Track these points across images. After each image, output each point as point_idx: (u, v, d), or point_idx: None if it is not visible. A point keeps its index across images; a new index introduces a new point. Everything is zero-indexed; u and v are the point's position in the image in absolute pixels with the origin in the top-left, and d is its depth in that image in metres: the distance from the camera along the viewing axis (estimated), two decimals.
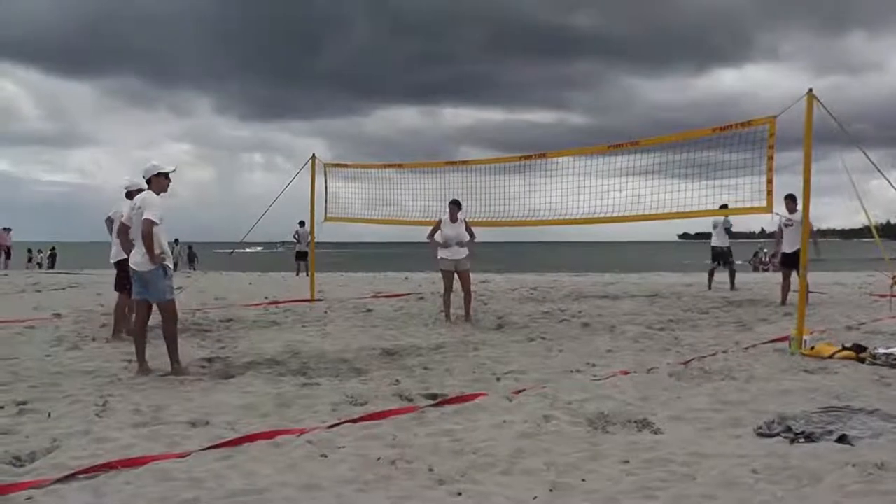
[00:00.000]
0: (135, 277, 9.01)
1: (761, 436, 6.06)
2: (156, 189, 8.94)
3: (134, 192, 10.62)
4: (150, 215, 8.61)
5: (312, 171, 18.32)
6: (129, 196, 10.61)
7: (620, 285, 22.24)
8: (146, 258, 8.72)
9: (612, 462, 5.43)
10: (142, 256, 8.78)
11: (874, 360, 9.00)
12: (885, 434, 6.00)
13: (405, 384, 8.16)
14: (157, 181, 8.96)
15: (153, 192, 8.90)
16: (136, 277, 8.98)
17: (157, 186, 8.95)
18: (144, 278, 8.88)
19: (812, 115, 9.87)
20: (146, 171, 9.00)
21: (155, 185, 8.95)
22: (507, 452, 5.65)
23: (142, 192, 9.04)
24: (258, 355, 9.88)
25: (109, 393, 7.70)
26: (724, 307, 15.65)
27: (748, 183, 11.30)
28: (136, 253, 8.92)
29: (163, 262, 8.80)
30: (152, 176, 8.96)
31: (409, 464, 5.42)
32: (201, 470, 5.28)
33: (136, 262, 8.88)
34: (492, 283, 23.03)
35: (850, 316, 13.65)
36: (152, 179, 8.96)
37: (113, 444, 5.92)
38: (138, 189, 10.06)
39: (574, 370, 8.92)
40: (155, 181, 8.96)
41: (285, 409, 7.15)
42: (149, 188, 8.99)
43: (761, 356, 9.61)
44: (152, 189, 8.94)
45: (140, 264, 8.84)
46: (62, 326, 12.86)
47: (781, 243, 15.82)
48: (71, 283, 23.21)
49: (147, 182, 9.01)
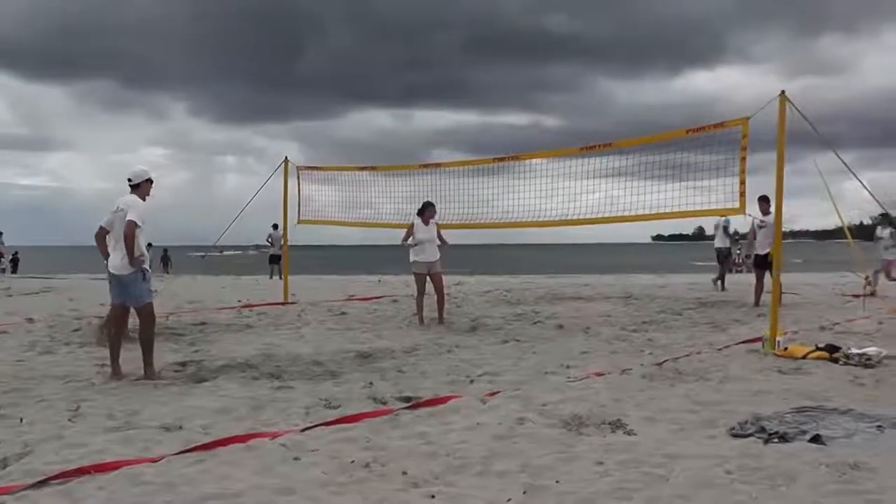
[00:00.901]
0: (113, 281, 8.96)
1: (735, 436, 6.09)
2: (141, 194, 8.94)
3: (141, 183, 10.85)
4: (133, 216, 8.58)
5: (285, 174, 18.35)
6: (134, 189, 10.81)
7: (594, 287, 22.32)
8: (125, 262, 8.68)
9: (587, 463, 5.45)
10: (121, 260, 8.74)
11: (847, 361, 9.10)
12: (858, 434, 6.06)
13: (379, 387, 8.17)
14: (144, 186, 8.99)
15: (138, 197, 8.89)
16: (115, 281, 8.92)
17: (143, 192, 8.97)
18: (123, 282, 8.83)
19: (785, 116, 9.94)
20: (136, 174, 8.99)
21: (141, 190, 8.97)
22: (482, 454, 5.67)
23: (125, 196, 8.97)
24: (232, 359, 9.86)
25: (82, 398, 7.67)
26: (697, 308, 15.75)
27: (721, 185, 11.36)
28: (115, 256, 8.86)
29: (142, 265, 8.76)
30: (142, 181, 8.99)
31: (383, 466, 5.42)
32: (175, 474, 5.26)
33: (115, 265, 8.82)
34: (465, 285, 23.09)
35: (823, 316, 13.78)
36: (141, 184, 8.98)
37: (86, 449, 5.89)
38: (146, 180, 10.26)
39: (548, 372, 8.95)
40: (143, 186, 8.99)
41: (259, 412, 7.13)
42: (133, 192, 8.95)
43: (735, 357, 9.68)
44: (138, 194, 8.93)
45: (119, 268, 8.79)
46: (35, 331, 12.79)
47: (754, 245, 15.93)
48: (44, 288, 23.07)
49: (135, 186, 8.98)
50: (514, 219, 14.85)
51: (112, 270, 8.89)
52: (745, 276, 22.92)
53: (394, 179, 17.29)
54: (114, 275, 8.88)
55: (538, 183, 14.62)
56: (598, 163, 13.67)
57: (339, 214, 18.46)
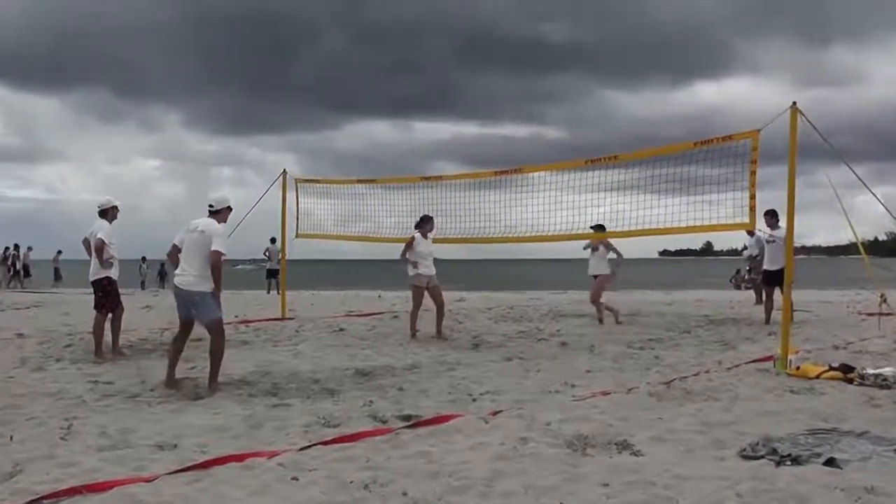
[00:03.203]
0: (181, 298, 9.25)
1: (746, 458, 6.06)
2: (221, 219, 9.31)
3: (108, 209, 11.33)
4: (220, 247, 8.97)
5: (283, 186, 18.36)
6: (102, 215, 11.59)
7: None
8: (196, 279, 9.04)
9: (592, 485, 5.43)
10: (194, 277, 9.04)
11: (862, 381, 9.00)
12: (874, 457, 5.99)
13: (379, 405, 8.16)
14: (224, 213, 9.40)
15: (216, 221, 9.21)
16: (182, 298, 9.23)
17: (223, 217, 9.36)
18: (193, 299, 9.10)
19: (796, 128, 9.93)
20: (218, 201, 9.39)
21: (221, 216, 9.35)
22: (484, 475, 5.65)
23: (203, 219, 9.26)
24: (228, 376, 9.82)
25: (74, 415, 7.66)
26: (705, 326, 15.74)
27: (731, 199, 11.33)
28: (184, 273, 9.15)
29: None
30: (223, 207, 9.39)
31: (383, 487, 5.41)
32: (169, 494, 5.25)
33: (189, 282, 9.09)
34: (467, 301, 23.06)
35: (836, 335, 13.74)
36: (221, 210, 9.38)
37: (78, 469, 5.88)
38: (112, 207, 11.43)
39: (552, 390, 8.93)
40: (223, 212, 9.39)
41: (256, 430, 7.12)
42: (212, 216, 9.29)
43: (745, 376, 9.65)
44: (218, 219, 9.28)
45: (188, 284, 9.09)
46: (25, 347, 12.79)
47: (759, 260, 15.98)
48: (35, 303, 23.08)
49: (215, 212, 9.32)
50: (516, 233, 14.85)
51: (180, 286, 9.19)
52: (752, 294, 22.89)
53: (394, 193, 17.30)
54: (182, 290, 9.17)
55: (541, 197, 14.53)
56: (603, 176, 13.60)
57: (337, 228, 18.46)
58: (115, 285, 11.76)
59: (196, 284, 9.02)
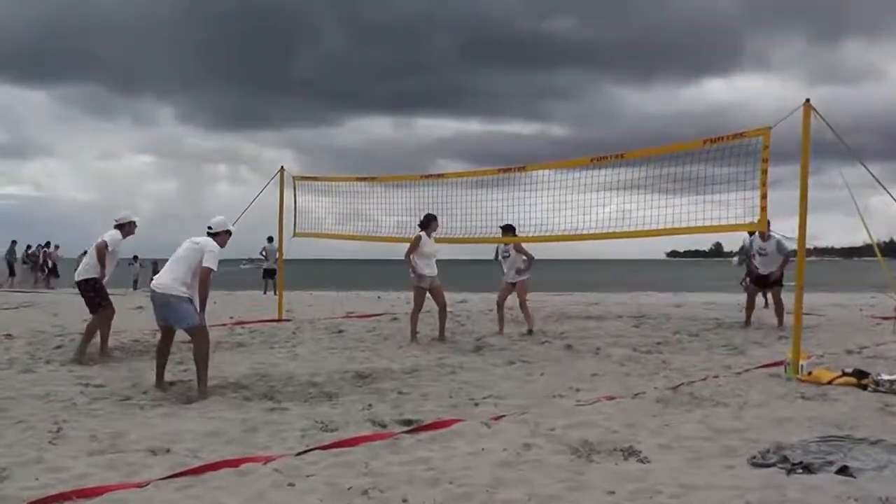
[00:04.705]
0: (156, 301, 9.34)
1: (756, 466, 6.05)
2: (220, 242, 9.47)
3: (125, 224, 11.80)
4: (211, 264, 9.08)
5: (281, 184, 18.34)
6: (118, 227, 11.81)
7: (605, 305, 22.30)
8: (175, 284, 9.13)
9: (597, 493, 5.41)
10: (171, 281, 9.14)
11: (877, 387, 8.97)
12: (889, 466, 5.96)
13: (378, 409, 8.15)
14: (223, 236, 9.62)
15: (215, 242, 9.35)
16: (158, 302, 9.31)
17: (222, 240, 9.54)
18: (168, 301, 9.19)
19: (809, 126, 9.89)
20: (216, 224, 9.61)
21: (220, 238, 9.52)
22: (486, 482, 5.63)
23: (204, 237, 9.42)
24: (223, 378, 9.83)
25: (64, 418, 7.65)
26: (714, 329, 15.72)
27: (741, 198, 11.26)
28: (164, 276, 9.24)
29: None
30: (221, 230, 9.58)
31: (381, 493, 5.40)
32: (162, 500, 5.24)
33: (165, 285, 9.18)
34: (469, 303, 23.08)
35: (849, 339, 13.72)
36: (220, 233, 9.55)
37: (67, 474, 5.87)
38: (129, 222, 11.78)
39: (556, 395, 8.92)
40: (222, 235, 9.58)
41: (251, 435, 7.11)
42: (209, 236, 9.46)
43: (755, 381, 9.63)
44: (217, 241, 9.42)
45: (167, 287, 9.17)
46: (13, 348, 12.78)
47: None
48: (24, 303, 23.08)
49: (214, 234, 9.49)
50: (520, 233, 14.82)
51: (156, 289, 9.27)
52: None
53: (394, 191, 17.26)
54: (157, 293, 9.24)
55: (546, 195, 14.45)
56: (609, 175, 13.52)
57: (337, 227, 18.42)
58: (101, 283, 11.74)
59: (172, 288, 9.07)
